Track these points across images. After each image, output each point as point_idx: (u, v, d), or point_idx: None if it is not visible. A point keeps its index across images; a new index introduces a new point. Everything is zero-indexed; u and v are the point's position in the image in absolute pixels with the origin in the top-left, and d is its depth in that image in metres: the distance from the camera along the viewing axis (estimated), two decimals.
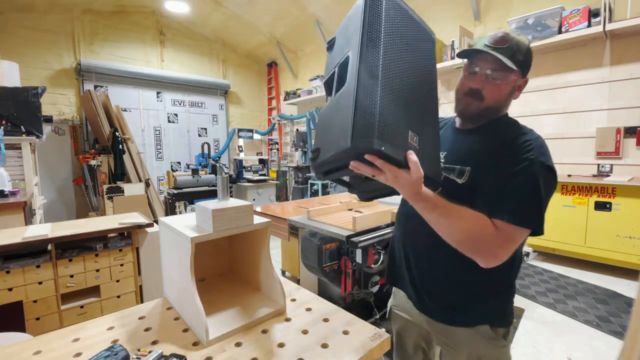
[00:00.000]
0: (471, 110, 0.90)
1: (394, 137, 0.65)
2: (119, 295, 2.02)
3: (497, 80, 0.85)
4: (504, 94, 0.88)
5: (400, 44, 0.72)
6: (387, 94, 0.66)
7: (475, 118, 0.92)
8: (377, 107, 0.63)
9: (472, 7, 4.14)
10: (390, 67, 0.68)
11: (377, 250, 1.91)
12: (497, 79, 0.85)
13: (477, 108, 0.89)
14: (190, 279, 0.80)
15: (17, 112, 3.23)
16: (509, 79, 0.85)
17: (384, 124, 0.63)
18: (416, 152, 0.67)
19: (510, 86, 0.87)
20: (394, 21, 0.73)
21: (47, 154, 5.15)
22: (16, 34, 5.04)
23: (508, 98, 0.89)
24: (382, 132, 0.62)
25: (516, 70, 0.83)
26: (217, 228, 0.83)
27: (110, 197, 4.50)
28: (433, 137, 0.79)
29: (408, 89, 0.72)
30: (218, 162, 5.56)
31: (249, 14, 6.08)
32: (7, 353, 0.75)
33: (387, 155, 0.63)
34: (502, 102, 0.89)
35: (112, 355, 0.68)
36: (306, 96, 6.30)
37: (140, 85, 6.20)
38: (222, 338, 0.80)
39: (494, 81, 0.86)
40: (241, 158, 6.65)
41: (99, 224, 2.02)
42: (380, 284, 2.11)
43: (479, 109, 0.89)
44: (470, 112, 0.91)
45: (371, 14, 0.69)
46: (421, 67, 0.77)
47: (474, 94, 0.88)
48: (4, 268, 1.65)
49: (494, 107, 0.89)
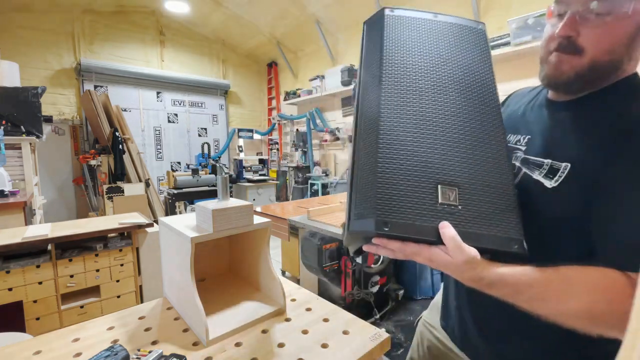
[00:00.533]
0: (565, 74, 0.58)
1: (408, 207, 0.49)
2: (119, 295, 2.02)
3: (604, 17, 0.52)
4: (620, 37, 0.53)
5: (417, 65, 0.57)
6: (391, 147, 0.51)
7: (575, 85, 0.58)
8: (376, 173, 0.50)
9: (472, 7, 4.14)
10: (398, 104, 0.54)
11: None
12: (602, 14, 0.52)
13: (573, 68, 0.56)
14: (190, 279, 0.80)
15: (17, 112, 3.23)
16: (623, 9, 0.51)
17: (387, 195, 0.49)
18: (453, 217, 0.49)
19: (629, 23, 0.52)
20: (403, 42, 0.58)
21: (47, 154, 5.15)
22: (16, 34, 5.03)
23: (633, 46, 0.54)
24: (385, 207, 0.48)
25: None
26: (217, 228, 0.83)
27: (110, 197, 4.50)
28: (496, 173, 0.54)
29: (435, 120, 0.54)
30: (218, 162, 5.56)
31: (249, 14, 6.08)
32: (7, 353, 0.75)
33: (398, 237, 0.48)
34: (620, 53, 0.54)
35: (112, 355, 0.68)
36: (306, 96, 6.30)
37: (140, 85, 6.20)
38: (222, 338, 0.80)
39: (598, 19, 0.53)
40: (241, 158, 6.65)
41: (99, 224, 2.02)
42: (380, 284, 2.11)
43: (578, 69, 0.56)
44: (563, 76, 0.58)
45: (369, 41, 0.59)
46: (463, 74, 0.59)
47: (566, 46, 0.56)
48: (4, 268, 1.65)
49: (605, 62, 0.55)
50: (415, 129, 0.53)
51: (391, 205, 0.48)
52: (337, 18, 5.67)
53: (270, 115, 8.08)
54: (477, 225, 0.50)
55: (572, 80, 0.58)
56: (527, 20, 3.45)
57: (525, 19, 3.46)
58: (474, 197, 0.52)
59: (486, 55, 0.62)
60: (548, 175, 0.57)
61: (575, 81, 0.58)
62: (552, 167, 0.57)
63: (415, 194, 0.50)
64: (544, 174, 0.58)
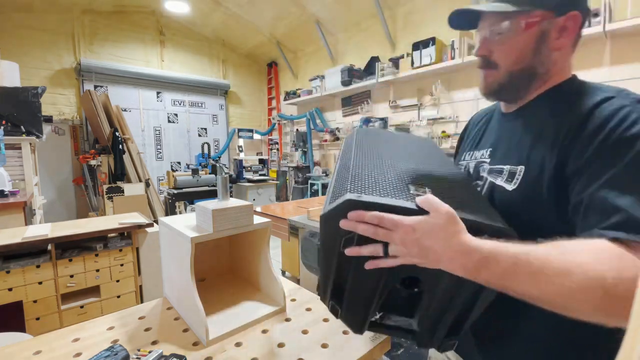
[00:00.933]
0: (490, 85, 0.67)
1: (382, 191, 0.51)
2: (119, 295, 2.02)
3: (501, 34, 0.62)
4: (523, 47, 0.61)
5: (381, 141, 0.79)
6: (361, 164, 0.61)
7: (503, 93, 0.68)
8: (350, 174, 0.55)
9: None
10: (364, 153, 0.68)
11: None
12: (499, 32, 0.62)
13: (496, 81, 0.66)
14: (190, 279, 0.80)
15: (17, 112, 3.23)
16: (517, 24, 0.60)
17: (360, 182, 0.52)
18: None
19: (527, 35, 0.60)
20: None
21: (47, 154, 5.15)
22: (16, 34, 5.03)
23: (539, 52, 0.61)
24: (358, 188, 0.51)
25: (519, 8, 0.58)
26: (217, 228, 0.83)
27: (110, 197, 4.50)
28: (463, 190, 0.61)
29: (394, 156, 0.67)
30: (218, 162, 5.56)
31: (249, 14, 6.08)
32: (7, 353, 0.75)
33: (375, 204, 0.47)
34: (529, 60, 0.62)
35: (112, 355, 0.68)
36: (306, 96, 6.30)
37: (140, 85, 6.20)
38: (222, 338, 0.80)
39: (501, 37, 0.62)
40: (241, 158, 6.64)
41: (99, 224, 2.02)
42: None
43: (500, 82, 0.65)
44: (489, 88, 0.67)
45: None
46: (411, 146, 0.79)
47: (485, 63, 0.67)
48: (4, 268, 1.65)
49: (517, 71, 0.63)
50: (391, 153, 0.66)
51: (364, 188, 0.51)
52: (337, 18, 5.67)
53: (270, 115, 8.08)
54: (458, 211, 0.48)
55: (498, 90, 0.67)
56: None
57: None
58: (448, 194, 0.53)
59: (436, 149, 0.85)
60: (508, 179, 0.62)
61: (500, 90, 0.67)
62: (510, 172, 0.62)
63: (387, 188, 0.52)
64: (504, 179, 0.63)
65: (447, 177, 0.64)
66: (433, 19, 4.51)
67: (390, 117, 5.17)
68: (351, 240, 0.51)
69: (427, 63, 4.18)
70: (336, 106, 6.20)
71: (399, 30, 5.04)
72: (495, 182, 0.65)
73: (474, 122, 0.87)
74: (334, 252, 0.54)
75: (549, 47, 0.61)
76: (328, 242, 0.54)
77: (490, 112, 0.80)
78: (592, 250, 0.44)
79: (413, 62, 4.31)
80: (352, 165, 0.60)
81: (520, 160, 0.61)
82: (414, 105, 4.79)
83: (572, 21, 0.59)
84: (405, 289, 0.54)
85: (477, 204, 0.57)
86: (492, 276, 0.45)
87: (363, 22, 5.54)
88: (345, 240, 0.51)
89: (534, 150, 0.59)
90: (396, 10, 5.00)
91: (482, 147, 0.75)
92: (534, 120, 0.63)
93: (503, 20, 0.61)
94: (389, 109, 5.24)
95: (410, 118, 4.83)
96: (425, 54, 4.19)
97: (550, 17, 0.59)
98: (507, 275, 0.44)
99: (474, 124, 0.86)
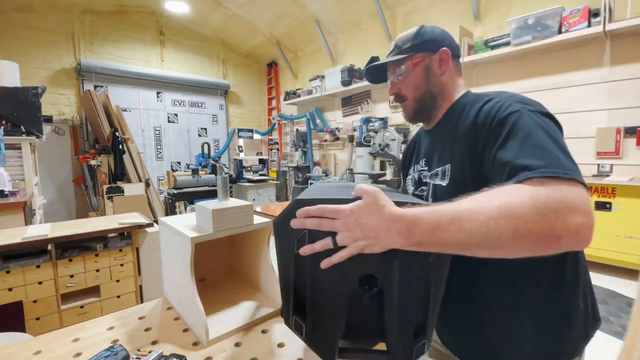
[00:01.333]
0: (408, 113, 0.89)
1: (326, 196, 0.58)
2: (119, 295, 2.02)
3: (401, 75, 0.85)
4: (416, 79, 0.84)
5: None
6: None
7: (419, 116, 0.89)
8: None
9: (472, 7, 4.14)
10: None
11: None
12: (399, 74, 0.86)
13: (410, 107, 0.87)
14: (190, 279, 0.80)
15: (17, 112, 3.23)
16: (408, 65, 0.84)
17: (309, 193, 0.61)
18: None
19: (417, 70, 0.84)
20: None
21: (47, 154, 5.15)
22: (16, 34, 5.04)
23: (429, 80, 0.84)
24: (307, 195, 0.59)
25: (407, 55, 0.83)
26: (217, 228, 0.83)
27: (110, 197, 4.50)
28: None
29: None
30: (218, 162, 5.56)
31: (249, 14, 6.08)
32: (7, 353, 0.75)
33: (317, 200, 0.54)
34: (424, 86, 0.84)
35: (112, 355, 0.68)
36: (306, 96, 6.30)
37: (140, 85, 6.20)
38: (222, 338, 0.80)
39: (401, 77, 0.85)
40: (241, 158, 6.64)
41: (99, 224, 2.02)
42: None
43: (413, 107, 0.87)
44: (408, 115, 0.89)
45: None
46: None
47: (398, 98, 0.89)
48: (4, 268, 1.65)
49: (422, 96, 0.85)
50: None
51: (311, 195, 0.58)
52: (337, 18, 5.68)
53: (270, 115, 8.08)
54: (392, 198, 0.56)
55: (414, 114, 0.89)
56: (527, 20, 3.45)
57: (525, 19, 3.46)
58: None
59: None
60: (442, 177, 0.80)
61: (415, 114, 0.88)
62: (442, 171, 0.80)
63: (330, 195, 0.58)
64: (439, 178, 0.81)
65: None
66: (433, 19, 4.51)
67: (390, 117, 5.17)
68: (303, 239, 0.55)
69: None
70: (336, 106, 6.20)
71: (399, 30, 5.04)
72: (434, 182, 0.83)
73: (408, 148, 1.07)
74: (290, 257, 0.57)
75: (435, 74, 0.84)
76: (283, 248, 0.58)
77: (417, 136, 1.02)
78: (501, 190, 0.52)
79: None
80: (312, 189, 0.73)
81: (447, 160, 0.79)
82: None
83: (444, 54, 0.83)
84: (365, 291, 0.56)
85: (398, 194, 0.72)
86: (423, 234, 0.49)
87: (363, 22, 5.54)
88: (298, 241, 0.55)
89: (454, 149, 0.77)
90: (396, 10, 5.00)
91: (418, 160, 0.94)
92: (448, 128, 0.82)
93: (399, 65, 0.85)
94: (389, 109, 5.24)
95: None
96: None
97: (429, 56, 0.83)
98: (435, 229, 0.49)
99: (408, 149, 1.06)
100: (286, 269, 0.59)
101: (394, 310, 0.55)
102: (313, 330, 0.58)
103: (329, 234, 0.53)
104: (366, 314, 0.60)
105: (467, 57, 3.90)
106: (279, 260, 0.61)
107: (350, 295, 0.56)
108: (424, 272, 0.56)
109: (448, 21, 4.42)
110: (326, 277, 0.55)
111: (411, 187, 0.96)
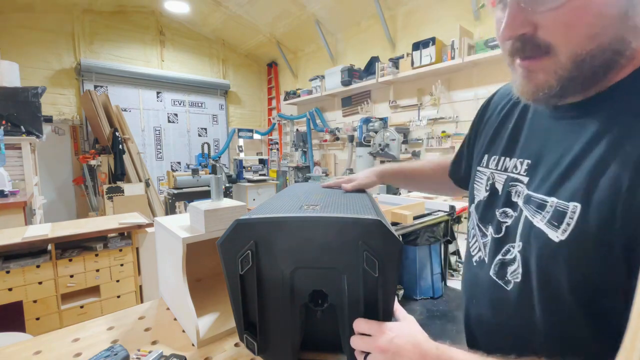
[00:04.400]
0: (542, 85, 0.40)
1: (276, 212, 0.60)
2: (119, 295, 2.02)
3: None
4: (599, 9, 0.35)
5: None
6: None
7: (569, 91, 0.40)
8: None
9: (472, 7, 4.14)
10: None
11: None
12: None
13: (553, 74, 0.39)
14: (183, 279, 0.80)
15: (17, 112, 3.23)
16: None
17: (261, 209, 0.61)
18: (315, 210, 0.58)
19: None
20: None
21: (47, 154, 5.15)
22: (16, 34, 5.03)
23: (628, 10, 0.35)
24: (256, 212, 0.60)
25: None
26: (209, 228, 0.83)
27: (110, 197, 4.50)
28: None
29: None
30: (218, 162, 5.56)
31: (249, 14, 6.08)
32: (7, 353, 0.75)
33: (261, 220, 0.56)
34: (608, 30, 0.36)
35: (112, 355, 0.68)
36: (306, 96, 6.30)
37: (140, 85, 6.20)
38: (218, 338, 0.80)
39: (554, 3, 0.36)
40: (241, 158, 6.64)
41: (99, 224, 2.02)
42: None
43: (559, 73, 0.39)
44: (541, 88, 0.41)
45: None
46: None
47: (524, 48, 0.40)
48: (4, 268, 1.65)
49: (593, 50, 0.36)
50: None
51: (261, 212, 0.57)
52: (337, 18, 5.67)
53: (270, 115, 8.08)
54: (336, 212, 0.56)
55: (559, 89, 0.39)
56: None
57: None
58: (333, 206, 0.60)
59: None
60: (551, 222, 0.39)
61: (563, 88, 0.39)
62: (557, 210, 0.39)
63: (280, 210, 0.59)
64: (547, 219, 0.40)
65: (337, 198, 0.71)
66: (433, 19, 4.51)
67: (390, 117, 5.17)
68: (247, 259, 0.55)
69: (427, 63, 4.18)
70: (336, 106, 6.20)
71: (399, 30, 5.04)
72: (532, 221, 0.42)
73: (498, 101, 0.60)
74: (236, 276, 0.57)
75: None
76: (229, 268, 0.58)
77: (516, 104, 0.55)
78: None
79: (413, 62, 4.31)
80: (267, 201, 0.70)
81: (575, 192, 0.38)
82: (414, 105, 4.79)
83: None
84: (315, 307, 0.57)
85: (354, 206, 0.62)
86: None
87: (363, 22, 5.54)
88: (242, 262, 0.56)
89: (603, 177, 0.36)
90: (396, 10, 5.00)
91: (516, 153, 0.51)
92: (607, 122, 0.38)
93: None
94: (389, 109, 5.24)
95: (410, 118, 4.84)
96: (425, 54, 4.19)
97: None
98: None
99: (497, 106, 0.59)
100: (234, 290, 0.59)
101: (345, 323, 0.56)
102: (266, 348, 0.60)
103: (281, 254, 0.54)
104: (324, 327, 0.61)
105: (467, 57, 3.90)
106: (226, 279, 0.61)
107: (304, 311, 0.58)
108: (372, 285, 0.55)
109: (448, 21, 4.42)
110: (274, 296, 0.57)
111: (482, 192, 0.55)
